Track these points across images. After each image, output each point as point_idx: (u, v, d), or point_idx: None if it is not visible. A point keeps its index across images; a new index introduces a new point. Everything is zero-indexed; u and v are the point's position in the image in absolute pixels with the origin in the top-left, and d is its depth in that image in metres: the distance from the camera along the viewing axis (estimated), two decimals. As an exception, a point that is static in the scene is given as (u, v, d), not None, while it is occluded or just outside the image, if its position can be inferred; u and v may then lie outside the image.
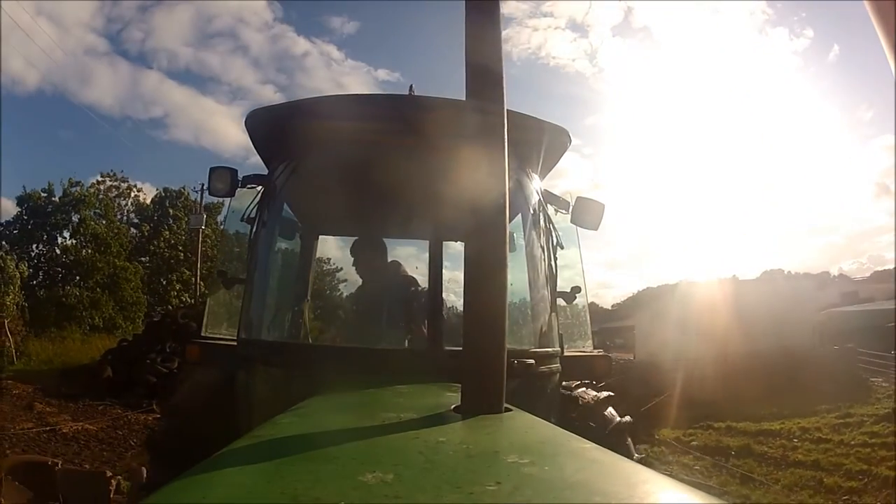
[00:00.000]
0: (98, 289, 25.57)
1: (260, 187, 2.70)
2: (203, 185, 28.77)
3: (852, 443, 13.49)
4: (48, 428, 9.80)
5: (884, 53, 0.86)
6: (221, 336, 2.99)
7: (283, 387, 2.26)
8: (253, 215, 2.69)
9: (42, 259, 29.76)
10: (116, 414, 11.88)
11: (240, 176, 2.70)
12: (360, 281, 3.21)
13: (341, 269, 3.94)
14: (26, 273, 24.93)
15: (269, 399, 2.24)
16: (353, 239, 3.39)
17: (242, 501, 0.72)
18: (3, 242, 27.79)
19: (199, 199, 30.95)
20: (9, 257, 23.42)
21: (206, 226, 29.55)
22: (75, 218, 29.72)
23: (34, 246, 30.08)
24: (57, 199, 30.41)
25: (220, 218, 30.88)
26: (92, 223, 28.93)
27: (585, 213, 2.80)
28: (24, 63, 43.72)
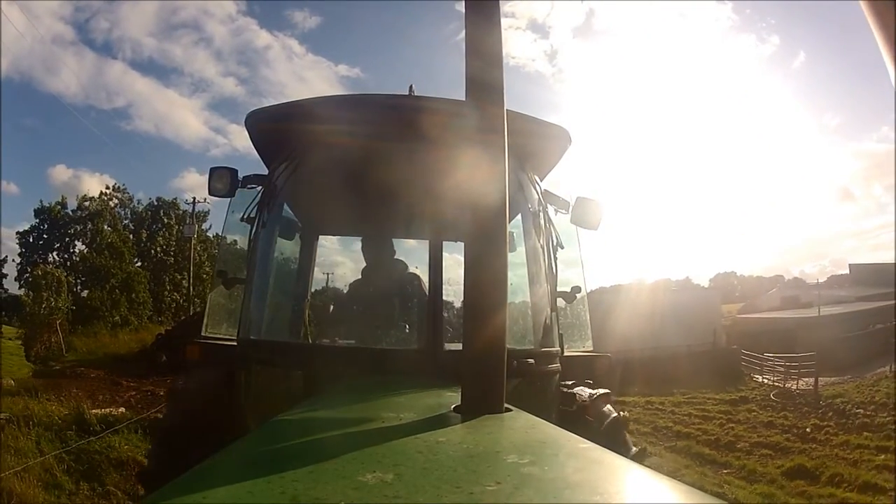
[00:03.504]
0: (116, 291, 29.08)
1: (260, 187, 2.70)
2: (195, 198, 33.12)
3: (679, 412, 16.86)
4: (149, 394, 12.83)
5: (881, 54, 0.85)
6: (222, 336, 2.98)
7: (283, 387, 2.26)
8: (253, 215, 2.68)
9: (60, 266, 32.10)
10: (185, 385, 15.29)
11: (240, 176, 2.70)
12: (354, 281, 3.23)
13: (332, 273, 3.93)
14: (76, 284, 29.04)
15: (269, 399, 2.24)
16: (350, 238, 3.39)
17: (242, 501, 0.72)
18: (24, 250, 31.95)
19: (190, 210, 34.64)
20: (59, 270, 27.12)
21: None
22: (90, 229, 33.03)
23: (52, 254, 33.25)
24: (70, 211, 33.67)
25: (204, 226, 34.69)
26: (107, 234, 32.37)
27: (585, 213, 2.80)
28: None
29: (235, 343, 2.61)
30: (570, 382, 2.56)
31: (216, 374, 2.53)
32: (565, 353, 2.65)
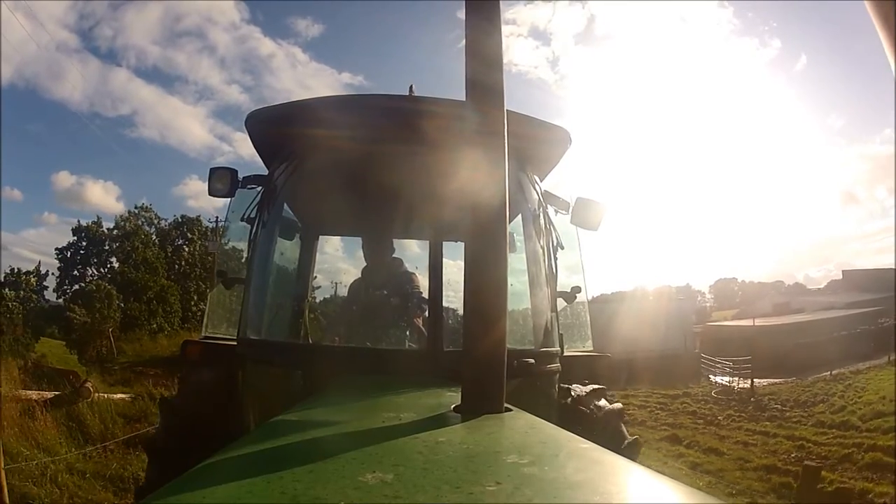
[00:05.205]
0: (153, 302, 32.28)
1: (260, 187, 2.70)
2: (218, 217, 34.28)
3: (623, 401, 18.67)
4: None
5: (884, 54, 0.86)
6: (222, 336, 2.98)
7: (283, 387, 2.26)
8: (253, 215, 2.68)
9: (98, 280, 35.08)
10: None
11: (240, 176, 2.70)
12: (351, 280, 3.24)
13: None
14: (120, 297, 32.11)
15: (269, 399, 2.24)
16: (353, 243, 3.39)
17: (242, 501, 0.72)
18: (62, 264, 36.02)
19: (212, 226, 36.95)
20: (111, 287, 30.55)
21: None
22: (126, 247, 36.44)
23: (90, 269, 36.90)
24: (106, 229, 37.31)
25: (224, 240, 36.01)
26: (142, 251, 35.58)
27: (585, 214, 2.80)
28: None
29: (235, 343, 2.61)
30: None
31: (216, 375, 2.53)
32: (565, 353, 2.65)
